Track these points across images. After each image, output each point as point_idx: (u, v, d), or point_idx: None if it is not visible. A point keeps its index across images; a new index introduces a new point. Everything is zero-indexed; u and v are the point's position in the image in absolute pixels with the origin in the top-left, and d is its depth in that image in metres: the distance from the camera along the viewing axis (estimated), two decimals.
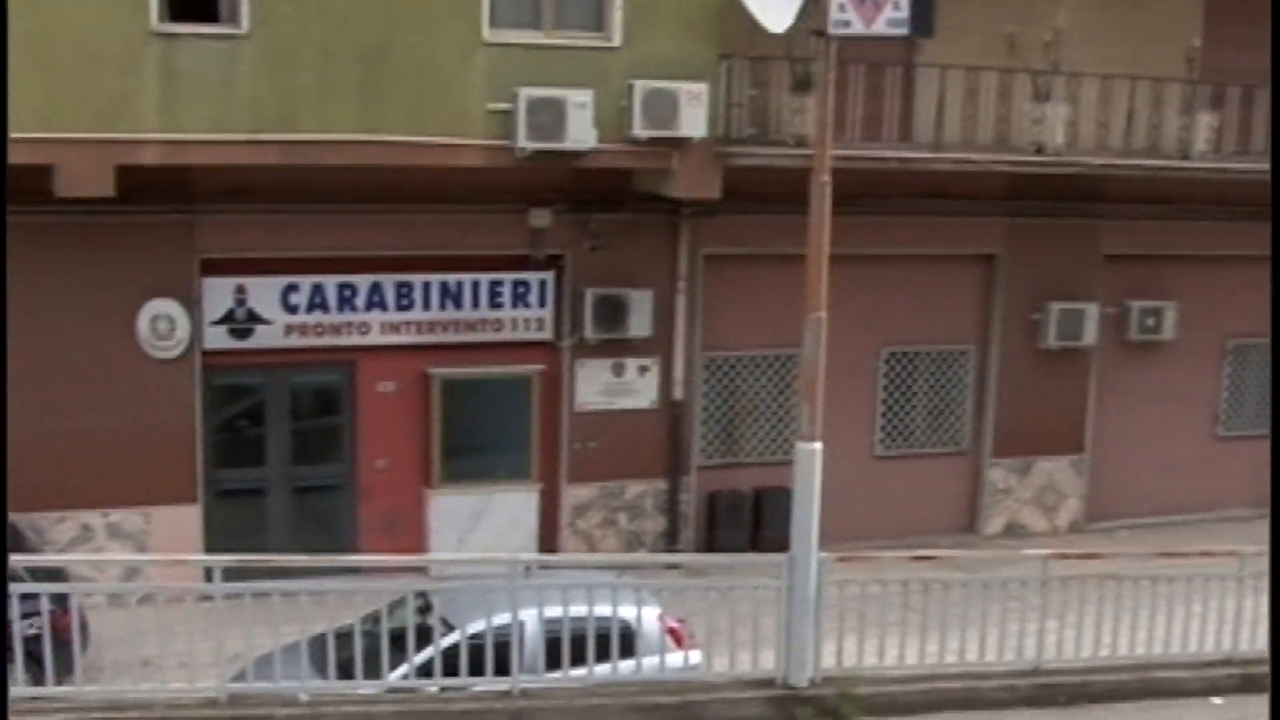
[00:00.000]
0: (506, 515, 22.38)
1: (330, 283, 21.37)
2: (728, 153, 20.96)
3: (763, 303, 22.85)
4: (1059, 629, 15.76)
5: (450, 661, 14.32)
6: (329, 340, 21.51)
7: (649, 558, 21.86)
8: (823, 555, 14.70)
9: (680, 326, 22.78)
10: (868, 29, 14.19)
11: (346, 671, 14.32)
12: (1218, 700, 15.85)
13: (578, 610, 14.33)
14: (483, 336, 22.08)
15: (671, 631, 15.36)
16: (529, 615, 14.39)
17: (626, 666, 14.72)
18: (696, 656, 15.36)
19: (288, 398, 21.93)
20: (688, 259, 22.63)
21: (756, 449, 23.92)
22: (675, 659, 15.19)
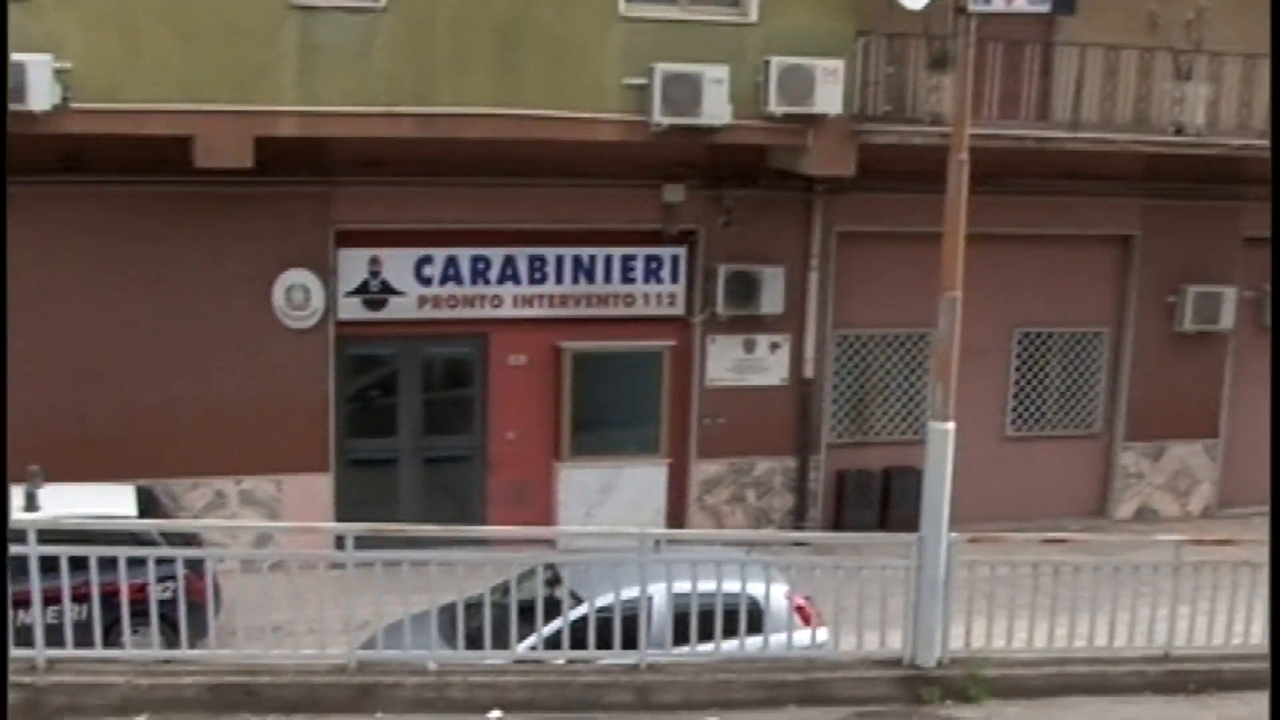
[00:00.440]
0: (635, 490, 22.42)
1: (464, 255, 21.48)
2: (863, 130, 20.85)
3: (894, 281, 22.74)
4: (1190, 615, 15.53)
5: (578, 634, 14.37)
6: (462, 312, 21.63)
7: (777, 535, 21.82)
8: (952, 536, 14.59)
9: (812, 304, 22.71)
10: (1009, 6, 14.07)
11: (475, 641, 14.38)
12: None
13: (706, 586, 14.30)
14: (614, 311, 22.13)
15: (799, 609, 15.30)
16: (657, 590, 14.36)
17: (753, 643, 14.67)
18: (823, 635, 15.31)
19: (420, 369, 22.08)
20: (820, 236, 22.55)
21: (886, 428, 23.82)
22: (802, 637, 15.14)
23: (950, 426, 14.49)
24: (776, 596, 14.92)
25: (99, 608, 13.44)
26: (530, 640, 14.52)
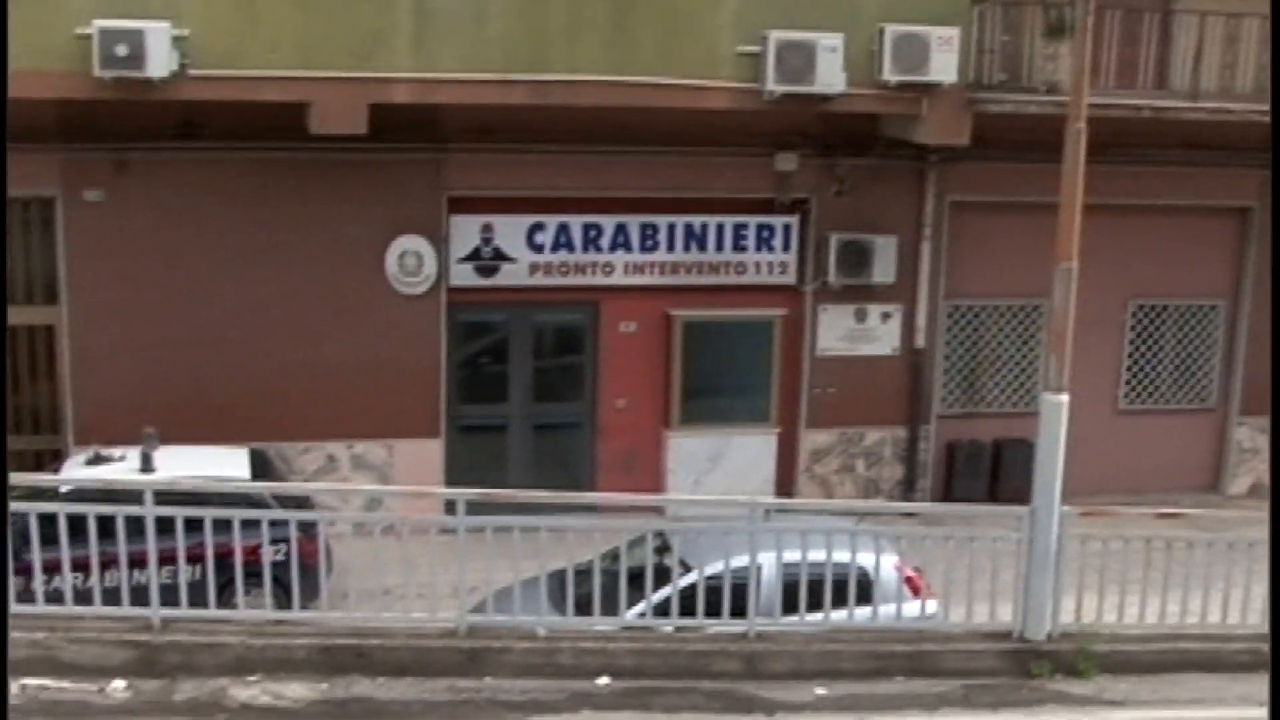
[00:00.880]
0: (744, 458, 22.42)
1: (576, 222, 21.52)
2: (978, 99, 20.67)
3: (1007, 251, 22.58)
4: None
5: (686, 602, 14.39)
6: (573, 280, 21.68)
7: (887, 505, 21.71)
8: (1065, 509, 14.50)
9: (924, 273, 22.58)
10: None
11: (584, 608, 14.44)
12: None
13: (816, 555, 14.28)
14: (726, 279, 22.11)
15: (908, 580, 15.24)
16: (767, 559, 14.34)
17: (862, 614, 14.65)
18: (933, 606, 15.26)
19: (530, 336, 22.15)
20: (933, 205, 22.42)
21: (997, 399, 23.67)
22: (911, 608, 15.09)
23: (1064, 398, 14.38)
24: (886, 567, 14.87)
25: (213, 569, 13.59)
26: (639, 607, 14.54)
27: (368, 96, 18.76)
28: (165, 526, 13.40)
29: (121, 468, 17.22)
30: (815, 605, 14.33)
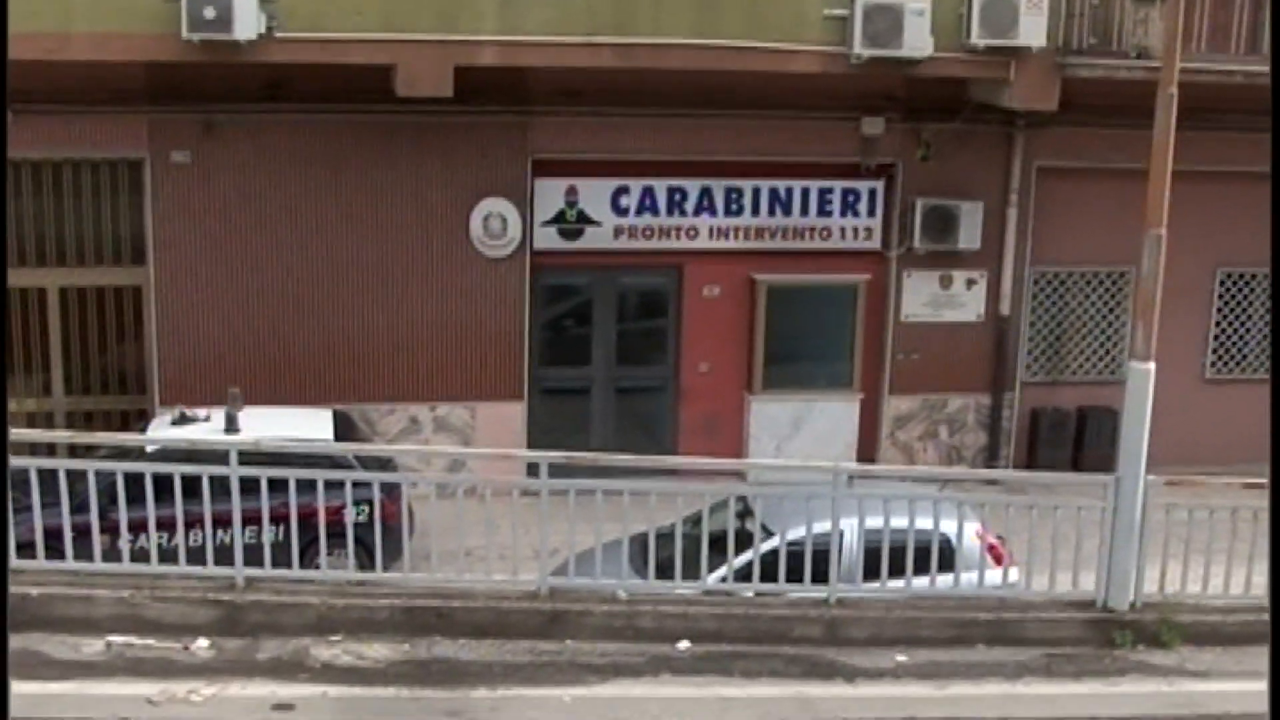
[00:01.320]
0: (826, 424, 22.36)
1: (660, 186, 21.48)
2: (1066, 63, 20.46)
3: (1094, 218, 22.39)
4: None
5: (768, 567, 14.39)
6: (657, 243, 21.65)
7: (969, 472, 21.65)
8: (1150, 478, 14.39)
9: (1010, 240, 22.41)
10: None
11: (665, 572, 14.46)
12: None
13: (898, 522, 14.24)
14: (810, 244, 22.02)
15: (990, 548, 15.17)
16: (849, 524, 14.32)
17: (944, 581, 14.60)
18: (1014, 575, 15.19)
19: (614, 299, 22.14)
20: (1020, 171, 22.22)
21: (1082, 367, 23.49)
22: (993, 576, 15.02)
23: (1151, 366, 14.26)
24: (968, 535, 14.81)
25: (296, 529, 13.68)
26: (720, 572, 14.53)
27: (453, 59, 18.75)
28: (249, 487, 13.50)
29: (206, 428, 17.35)
30: (896, 572, 14.28)
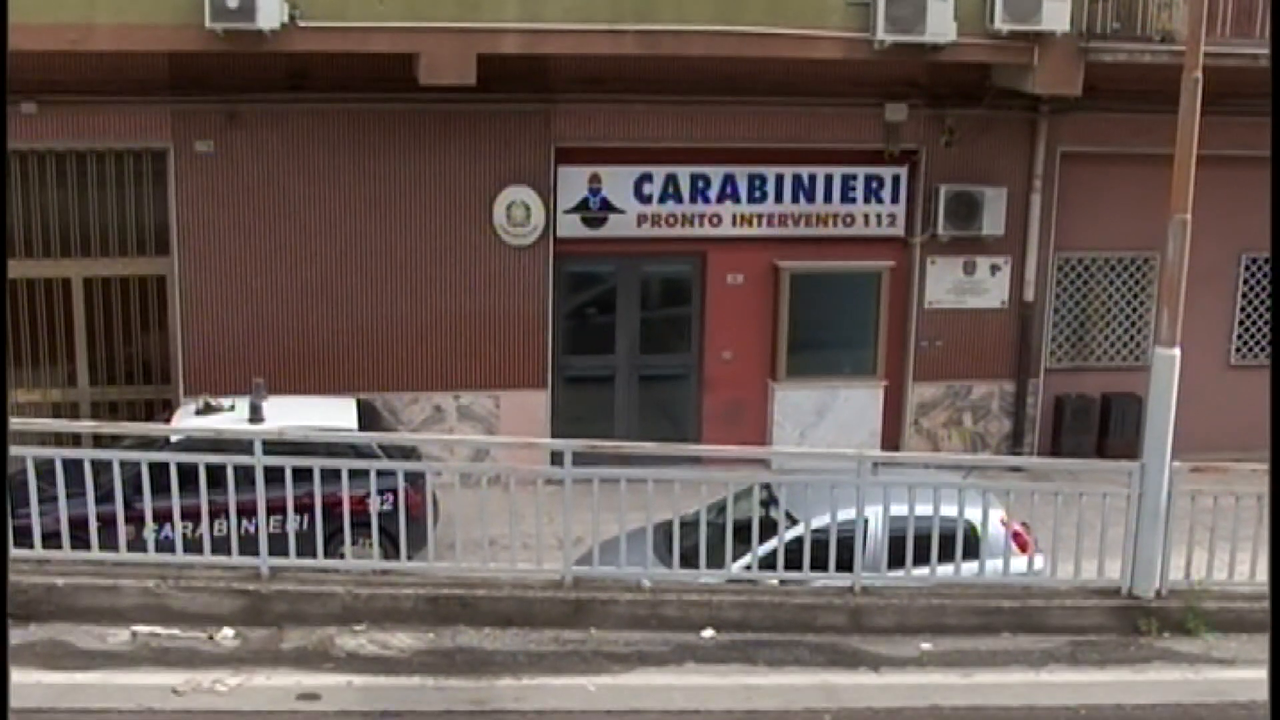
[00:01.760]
0: (850, 411, 22.34)
1: (683, 173, 21.45)
2: (1090, 48, 20.39)
3: (1118, 203, 22.34)
4: None
5: (792, 555, 14.35)
6: (680, 231, 21.63)
7: (994, 459, 21.59)
8: (1175, 464, 14.32)
9: (1034, 225, 22.36)
10: None
11: (689, 560, 14.42)
12: None
13: (923, 509, 14.19)
14: (833, 231, 21.99)
15: (1015, 536, 15.13)
16: (873, 512, 14.30)
17: (968, 569, 14.56)
18: (1039, 562, 15.15)
19: (637, 287, 22.13)
20: (1044, 156, 22.16)
21: (1106, 353, 23.43)
22: (1018, 564, 14.99)
23: (1176, 352, 14.18)
24: (993, 522, 14.78)
25: (320, 518, 13.69)
26: (744, 560, 14.52)
27: (476, 47, 18.74)
28: (274, 476, 13.51)
29: (230, 417, 17.39)
30: (921, 560, 14.26)
